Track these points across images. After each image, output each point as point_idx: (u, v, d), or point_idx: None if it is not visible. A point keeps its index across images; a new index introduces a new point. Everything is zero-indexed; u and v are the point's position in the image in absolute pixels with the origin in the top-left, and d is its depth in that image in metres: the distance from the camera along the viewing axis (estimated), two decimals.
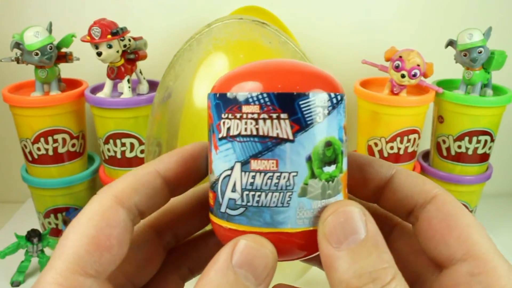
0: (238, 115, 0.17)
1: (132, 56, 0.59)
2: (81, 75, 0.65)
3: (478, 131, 0.61)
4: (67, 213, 0.62)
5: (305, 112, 0.16)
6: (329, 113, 0.17)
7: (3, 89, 0.59)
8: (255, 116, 0.17)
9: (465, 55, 0.59)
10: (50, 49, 0.56)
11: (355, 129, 0.65)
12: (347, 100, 0.19)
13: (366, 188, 0.20)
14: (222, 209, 0.18)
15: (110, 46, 0.55)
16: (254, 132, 0.17)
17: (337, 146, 0.17)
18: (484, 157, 0.64)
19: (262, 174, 0.17)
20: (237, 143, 0.17)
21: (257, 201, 0.17)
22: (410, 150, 0.62)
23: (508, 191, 0.79)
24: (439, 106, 0.64)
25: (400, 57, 0.57)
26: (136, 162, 0.60)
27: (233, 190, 0.17)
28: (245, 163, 0.17)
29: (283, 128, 0.16)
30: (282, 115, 0.16)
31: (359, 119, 0.64)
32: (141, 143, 0.59)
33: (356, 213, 0.16)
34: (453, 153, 0.63)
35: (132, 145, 0.59)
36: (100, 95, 0.58)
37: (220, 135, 0.17)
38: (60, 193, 0.62)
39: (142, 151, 0.60)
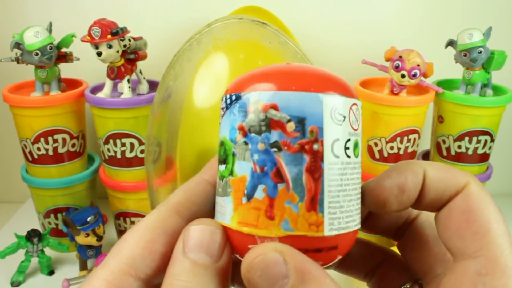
0: None
1: (132, 56, 0.59)
2: (81, 75, 0.65)
3: (478, 131, 0.61)
4: (67, 213, 0.62)
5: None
6: (223, 114, 0.18)
7: (3, 89, 0.59)
8: None
9: (465, 55, 0.59)
10: (50, 49, 0.56)
11: None
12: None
13: (404, 203, 0.18)
14: None
15: (110, 46, 0.55)
16: None
17: (228, 146, 0.17)
18: (484, 157, 0.64)
19: None
20: None
21: None
22: (410, 150, 0.62)
23: (508, 191, 0.79)
24: (439, 106, 0.64)
25: (400, 57, 0.57)
26: (136, 162, 0.60)
27: None
28: None
29: None
30: None
31: None
32: (141, 143, 0.59)
33: (271, 258, 0.15)
34: (453, 153, 0.63)
35: (132, 145, 0.59)
36: (100, 95, 0.58)
37: None
38: (60, 193, 0.62)
39: (142, 151, 0.60)
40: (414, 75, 0.57)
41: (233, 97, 0.17)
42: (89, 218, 0.56)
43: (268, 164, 0.16)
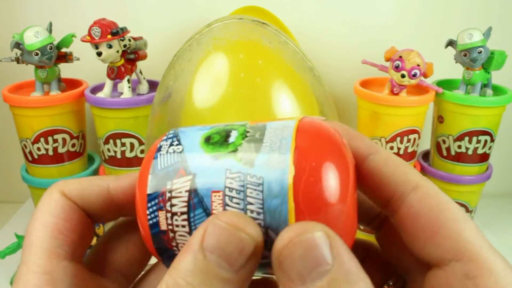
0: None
1: (132, 56, 0.59)
2: (81, 75, 0.65)
3: (478, 131, 0.61)
4: None
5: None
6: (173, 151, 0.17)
7: (3, 89, 0.59)
8: None
9: (465, 55, 0.59)
10: (50, 49, 0.56)
11: (355, 129, 0.65)
12: (347, 100, 0.19)
13: None
14: None
15: (110, 46, 0.55)
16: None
17: (214, 132, 0.17)
18: (484, 157, 0.64)
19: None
20: None
21: None
22: (410, 150, 0.62)
23: (508, 191, 0.79)
24: (439, 106, 0.64)
25: (400, 57, 0.57)
26: (136, 162, 0.60)
27: None
28: None
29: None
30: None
31: (359, 119, 0.64)
32: (141, 143, 0.59)
33: (318, 239, 0.14)
34: (453, 153, 0.63)
35: (132, 145, 0.59)
36: (100, 95, 0.58)
37: None
38: None
39: (142, 151, 0.60)
40: (414, 75, 0.57)
41: (171, 135, 0.18)
42: None
43: None
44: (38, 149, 0.59)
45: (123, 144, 0.59)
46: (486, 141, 0.62)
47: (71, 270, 0.17)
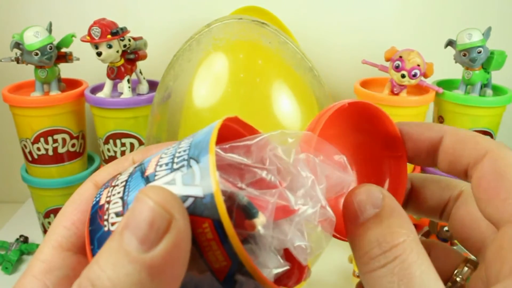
0: None
1: (132, 56, 0.59)
2: (81, 75, 0.65)
3: (478, 131, 0.61)
4: None
5: None
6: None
7: (3, 89, 0.59)
8: None
9: (464, 55, 0.59)
10: (50, 49, 0.56)
11: None
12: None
13: (420, 155, 0.21)
14: None
15: (110, 46, 0.55)
16: None
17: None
18: None
19: None
20: None
21: None
22: None
23: None
24: (439, 106, 0.63)
25: (400, 57, 0.57)
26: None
27: None
28: None
29: None
30: None
31: None
32: (141, 143, 0.59)
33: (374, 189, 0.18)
34: None
35: (132, 145, 0.59)
36: (100, 95, 0.58)
37: None
38: (60, 193, 0.62)
39: None
40: (414, 75, 0.57)
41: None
42: None
43: None
44: (38, 149, 0.59)
45: (123, 144, 0.59)
46: None
47: (71, 261, 0.17)
